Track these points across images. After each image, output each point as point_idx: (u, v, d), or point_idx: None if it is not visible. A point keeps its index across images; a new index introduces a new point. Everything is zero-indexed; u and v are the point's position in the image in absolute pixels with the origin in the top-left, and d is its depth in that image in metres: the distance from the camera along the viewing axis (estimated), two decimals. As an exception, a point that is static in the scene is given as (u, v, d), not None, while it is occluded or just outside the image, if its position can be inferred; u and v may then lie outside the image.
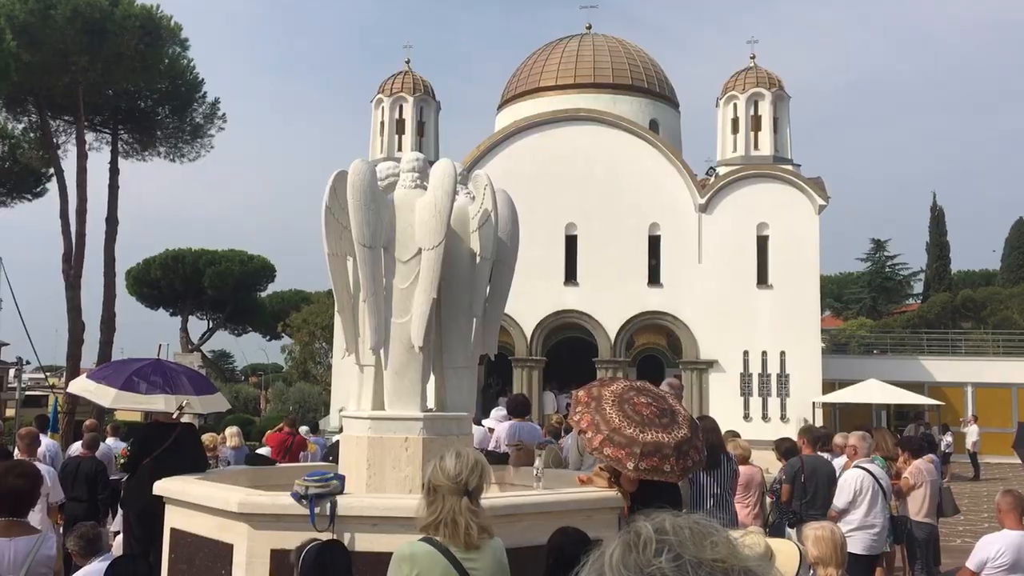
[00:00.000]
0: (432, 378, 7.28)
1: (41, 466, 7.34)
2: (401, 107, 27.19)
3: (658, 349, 26.68)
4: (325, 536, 4.84)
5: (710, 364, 24.97)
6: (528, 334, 25.03)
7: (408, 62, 28.29)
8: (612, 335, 25.04)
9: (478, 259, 7.17)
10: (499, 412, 11.04)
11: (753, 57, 27.06)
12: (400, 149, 26.41)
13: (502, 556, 3.52)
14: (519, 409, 10.23)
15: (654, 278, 25.34)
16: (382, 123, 27.29)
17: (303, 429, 13.88)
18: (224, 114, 35.66)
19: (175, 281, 48.28)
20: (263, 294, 53.12)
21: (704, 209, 25.28)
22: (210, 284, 47.81)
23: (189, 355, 36.21)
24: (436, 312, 6.98)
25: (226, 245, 51.31)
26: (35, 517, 6.24)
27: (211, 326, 52.67)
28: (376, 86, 27.96)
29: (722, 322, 24.70)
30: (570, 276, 25.46)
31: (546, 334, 25.48)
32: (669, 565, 1.03)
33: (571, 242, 25.55)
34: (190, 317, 51.12)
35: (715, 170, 26.62)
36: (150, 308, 51.00)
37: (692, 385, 23.99)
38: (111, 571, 4.16)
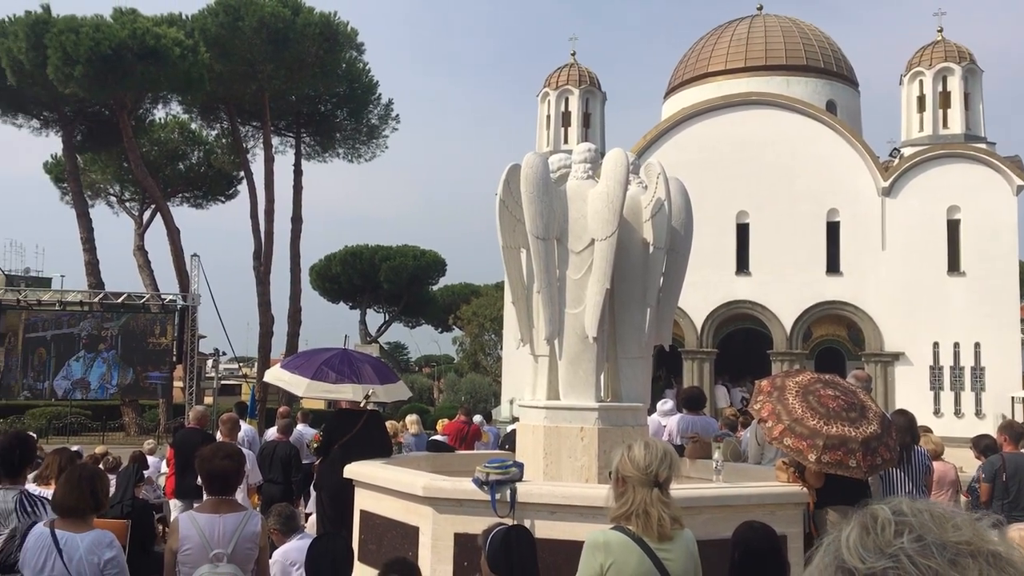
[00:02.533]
0: (606, 368, 7.28)
1: (242, 450, 7.87)
2: (567, 100, 27.27)
3: (838, 341, 25.53)
4: (508, 522, 4.94)
5: (896, 356, 23.67)
6: (698, 325, 24.56)
7: (574, 54, 28.33)
8: (788, 326, 24.18)
9: (651, 248, 7.10)
10: (665, 405, 10.87)
11: (940, 30, 25.37)
12: (566, 142, 26.50)
13: (693, 547, 3.47)
14: (693, 402, 10.06)
15: (833, 266, 24.26)
16: (548, 116, 27.47)
17: (477, 418, 14.21)
18: (397, 115, 37.06)
19: (354, 276, 50.55)
20: (435, 288, 54.74)
21: (887, 193, 23.96)
22: (386, 278, 49.76)
23: (368, 346, 37.85)
24: (609, 302, 6.97)
25: (400, 241, 53.19)
26: (238, 497, 6.69)
27: (387, 319, 54.84)
28: (541, 80, 28.16)
29: (909, 312, 23.35)
30: (742, 265, 24.77)
31: (717, 325, 24.92)
32: (912, 546, 1.00)
33: (743, 230, 24.84)
34: (368, 310, 53.44)
35: (899, 151, 25.16)
36: (331, 302, 53.67)
37: (877, 378, 22.81)
38: (313, 549, 4.40)
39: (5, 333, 25.22)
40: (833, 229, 24.42)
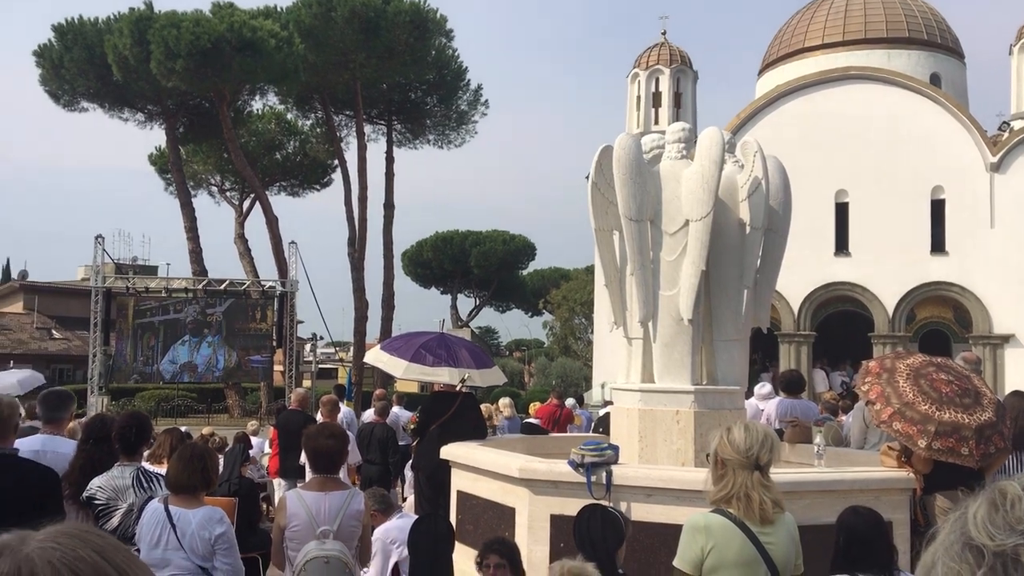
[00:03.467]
0: (702, 351, 7.18)
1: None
2: (657, 79, 26.88)
3: (943, 323, 24.57)
4: (605, 504, 4.93)
5: (1006, 339, 22.65)
6: (795, 308, 23.98)
7: (664, 33, 27.90)
8: (890, 308, 23.39)
9: (748, 229, 6.96)
10: (763, 389, 10.66)
11: (1055, -6, 24.03)
12: (657, 122, 26.15)
13: (795, 531, 3.41)
14: (792, 385, 9.84)
15: (937, 245, 23.33)
16: (638, 97, 27.14)
17: (569, 402, 14.22)
18: (487, 100, 37.21)
19: (445, 261, 51.12)
20: (524, 272, 54.90)
21: (996, 168, 22.88)
22: (476, 263, 50.15)
23: (459, 330, 38.27)
24: (705, 284, 6.87)
25: (489, 226, 53.54)
26: (340, 476, 6.85)
27: (477, 303, 55.31)
28: (631, 61, 27.83)
29: (1020, 292, 22.29)
30: (841, 246, 24.04)
31: (815, 308, 24.29)
32: None
33: (841, 210, 24.10)
34: (459, 295, 54.00)
35: (1009, 124, 23.98)
36: (423, 287, 54.42)
37: (985, 361, 21.89)
38: (416, 528, 4.49)
39: (116, 319, 26.39)
40: (938, 207, 23.47)
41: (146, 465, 5.13)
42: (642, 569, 5.41)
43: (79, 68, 30.49)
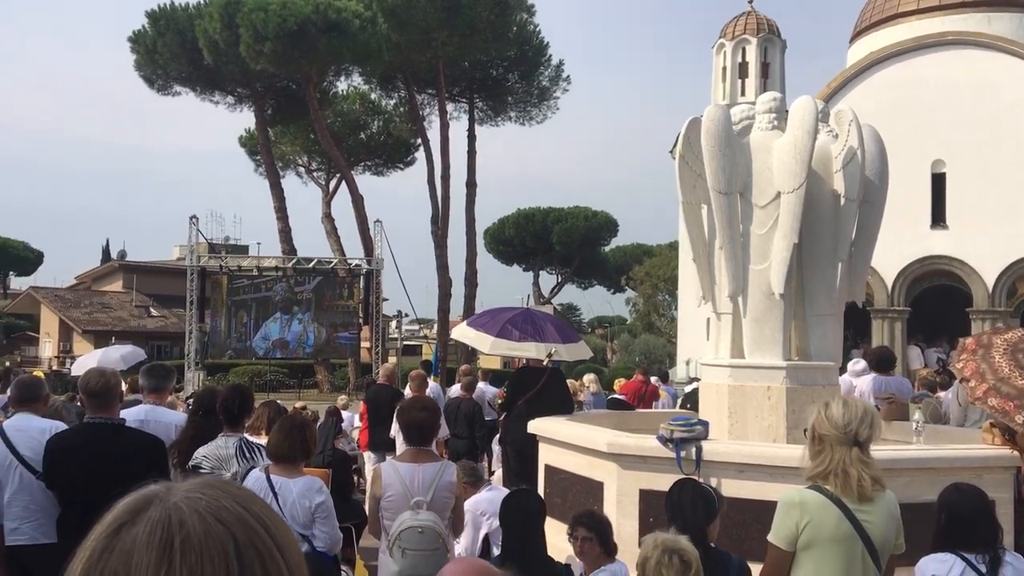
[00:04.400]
0: (793, 326, 7.05)
1: (433, 403, 8.19)
2: (744, 50, 26.23)
3: (1047, 297, 23.52)
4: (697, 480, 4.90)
5: (1114, 314, 21.59)
6: (889, 283, 23.26)
7: (751, 2, 27.22)
8: (989, 283, 22.49)
9: (842, 200, 6.78)
10: (857, 365, 10.40)
11: None
12: (743, 94, 25.55)
13: (895, 510, 3.33)
14: (884, 362, 9.58)
15: (1041, 217, 22.30)
16: (724, 68, 26.56)
17: (653, 378, 14.14)
18: (568, 75, 36.97)
19: (527, 238, 51.17)
20: (607, 248, 54.56)
21: (1107, 134, 21.70)
22: (558, 240, 50.06)
23: (542, 307, 38.35)
24: (797, 257, 6.73)
25: (571, 202, 53.25)
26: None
27: (559, 280, 55.25)
28: (716, 31, 27.25)
29: None
30: (937, 218, 23.18)
31: (910, 282, 23.51)
32: None
33: (938, 181, 23.21)
34: (541, 272, 54.02)
35: (1121, 88, 22.66)
36: (505, 264, 54.64)
37: (1091, 338, 20.89)
38: (507, 502, 4.55)
39: (210, 297, 27.28)
40: (1041, 177, 22.41)
41: (247, 436, 5.31)
42: (733, 545, 5.36)
43: (171, 53, 31.41)
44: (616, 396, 11.69)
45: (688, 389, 12.30)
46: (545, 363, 7.94)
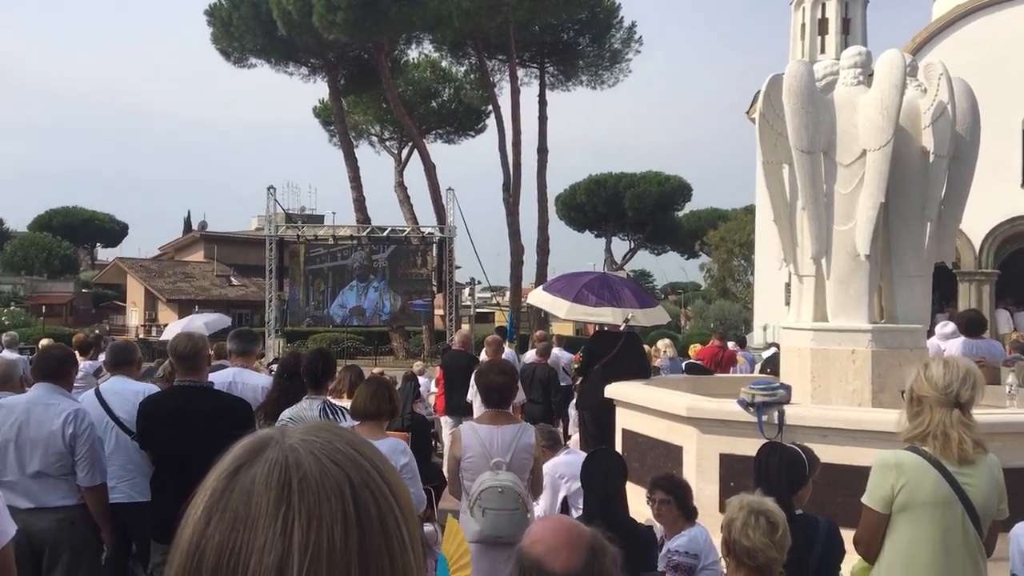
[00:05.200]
0: (879, 288, 6.85)
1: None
2: (823, 5, 25.31)
3: None
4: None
5: None
6: (977, 244, 22.44)
7: (829, -44, 26.30)
8: (1083, 244, 21.54)
9: (932, 157, 6.53)
10: (945, 328, 10.04)
11: None
12: (823, 51, 24.68)
13: (998, 474, 3.21)
14: (974, 325, 9.24)
15: None
16: (803, 25, 25.77)
17: (731, 344, 13.95)
18: (640, 37, 36.38)
19: (598, 204, 50.82)
20: (680, 213, 53.84)
21: None
22: (630, 206, 49.59)
23: (615, 273, 38.11)
24: (883, 217, 6.52)
25: (643, 167, 52.60)
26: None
27: (632, 246, 54.80)
28: (795, -13, 26.43)
29: None
30: (1029, 177, 22.23)
31: (999, 244, 22.64)
32: None
33: (1030, 138, 22.22)
34: (613, 238, 53.65)
35: None
36: (577, 231, 54.41)
37: None
38: (588, 463, 4.55)
39: (288, 266, 27.82)
40: None
41: (330, 399, 5.41)
42: (819, 510, 5.28)
43: (247, 25, 31.87)
44: (694, 361, 11.57)
45: (766, 354, 12.09)
46: (622, 328, 7.89)
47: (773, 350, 11.23)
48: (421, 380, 12.56)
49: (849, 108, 6.56)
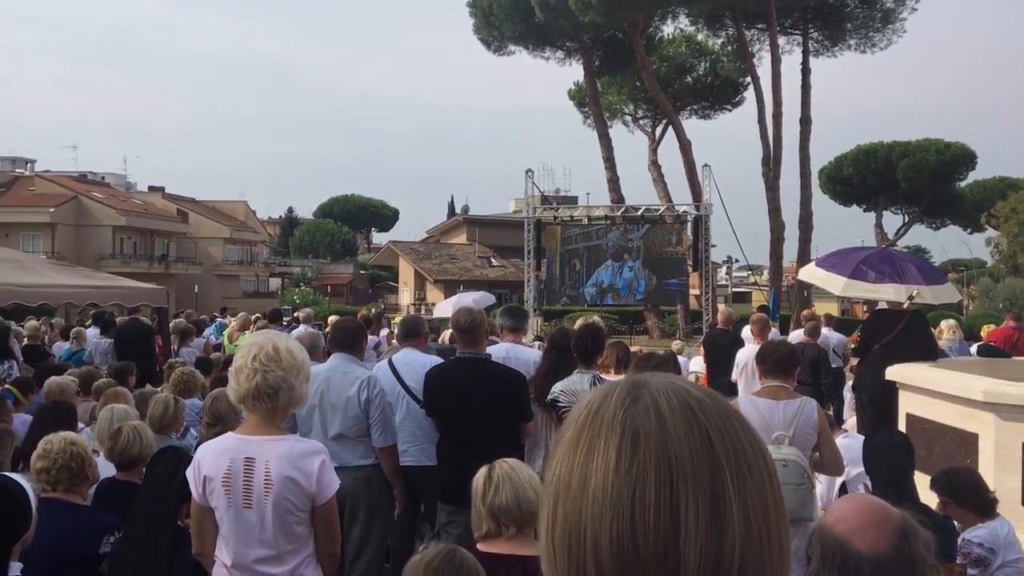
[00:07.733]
0: None
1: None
2: None
3: None
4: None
5: None
6: None
7: None
8: None
9: None
10: None
11: None
12: None
13: None
14: None
15: None
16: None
17: (1026, 325, 12.58)
18: (917, -9, 33.54)
19: (867, 176, 47.62)
20: (962, 184, 49.22)
21: None
22: (904, 177, 45.99)
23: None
24: None
25: (919, 135, 48.49)
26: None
27: (906, 220, 50.84)
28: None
29: None
30: None
31: None
32: None
33: None
34: (884, 212, 50.08)
35: None
36: (843, 205, 51.36)
37: None
38: (871, 442, 4.33)
39: (545, 247, 28.54)
40: None
41: (599, 374, 5.48)
42: None
43: (505, 13, 32.90)
44: (988, 343, 10.57)
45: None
46: (905, 307, 7.34)
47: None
48: (680, 359, 12.44)
49: None
